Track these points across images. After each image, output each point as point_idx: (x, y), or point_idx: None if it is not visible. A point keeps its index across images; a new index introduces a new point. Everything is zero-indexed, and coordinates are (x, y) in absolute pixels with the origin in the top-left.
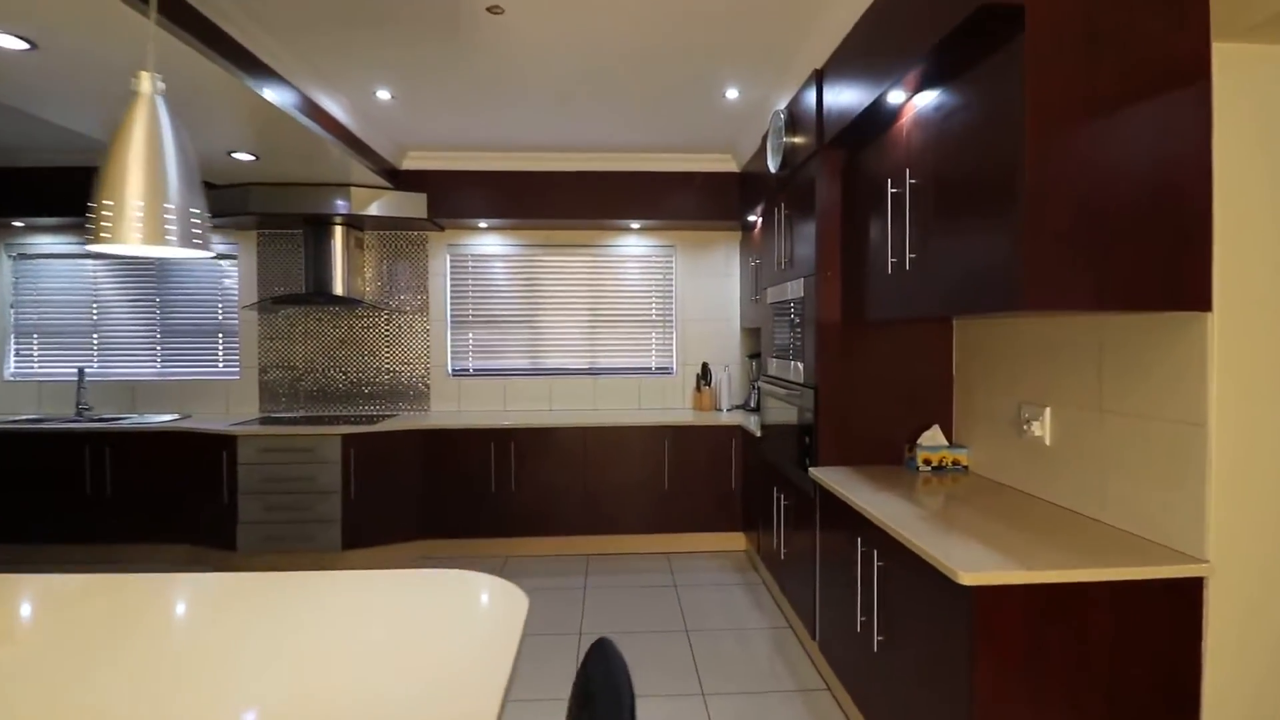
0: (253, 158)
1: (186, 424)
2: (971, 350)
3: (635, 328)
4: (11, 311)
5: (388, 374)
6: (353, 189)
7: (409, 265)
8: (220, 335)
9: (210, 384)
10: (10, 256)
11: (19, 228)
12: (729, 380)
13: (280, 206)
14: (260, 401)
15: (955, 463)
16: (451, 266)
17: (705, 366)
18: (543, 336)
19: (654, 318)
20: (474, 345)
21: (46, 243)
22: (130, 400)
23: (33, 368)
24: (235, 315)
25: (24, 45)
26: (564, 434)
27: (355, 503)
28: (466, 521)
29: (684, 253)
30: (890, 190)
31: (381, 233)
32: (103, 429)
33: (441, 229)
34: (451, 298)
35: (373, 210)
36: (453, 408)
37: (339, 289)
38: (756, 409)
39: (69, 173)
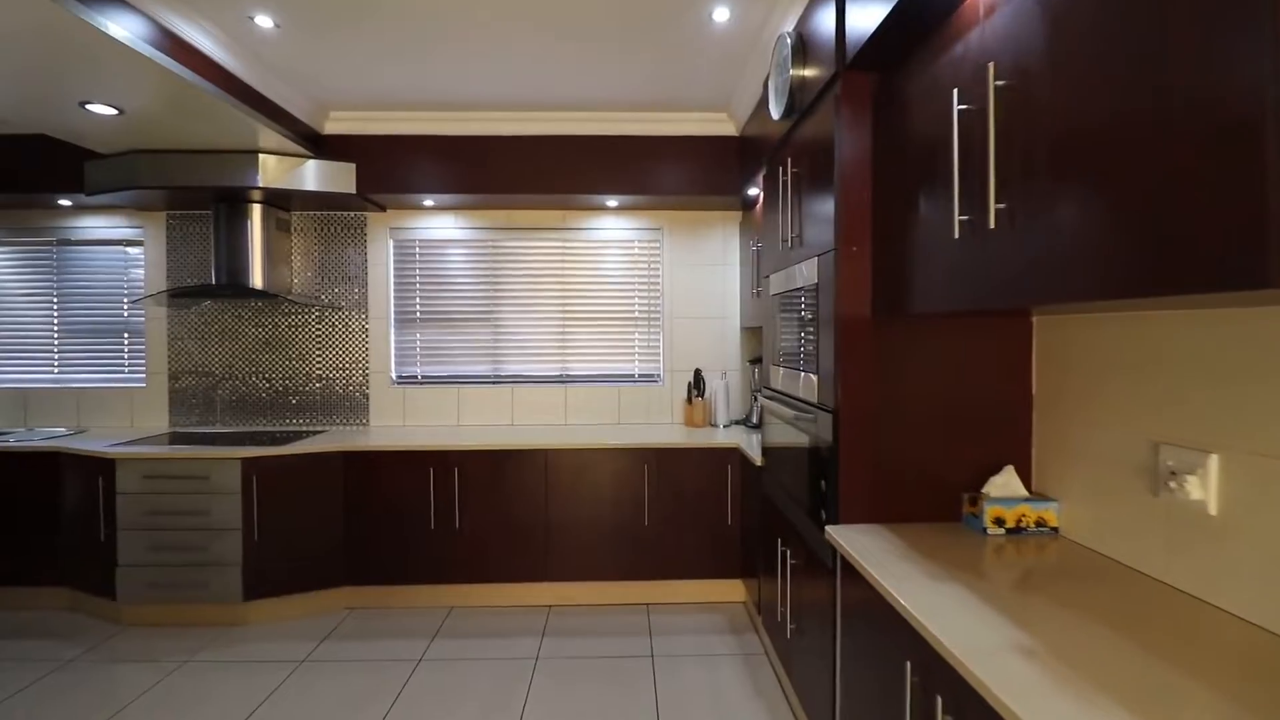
0: (115, 112)
1: (62, 443)
2: (1064, 358)
3: (615, 327)
4: None
5: (319, 382)
6: (262, 157)
7: (345, 253)
8: (126, 335)
9: (113, 392)
10: None
11: None
12: (727, 391)
13: (175, 178)
14: (170, 413)
15: (1040, 523)
16: (395, 254)
17: (698, 374)
18: (505, 337)
19: (637, 315)
20: (422, 348)
21: None
22: (21, 411)
23: None
24: (142, 312)
25: None
26: (520, 458)
27: (260, 542)
28: (401, 565)
29: (673, 237)
30: (957, 107)
31: (311, 214)
32: None
33: (383, 209)
34: (396, 291)
35: (288, 183)
36: (396, 422)
37: (257, 280)
38: (760, 426)
39: None
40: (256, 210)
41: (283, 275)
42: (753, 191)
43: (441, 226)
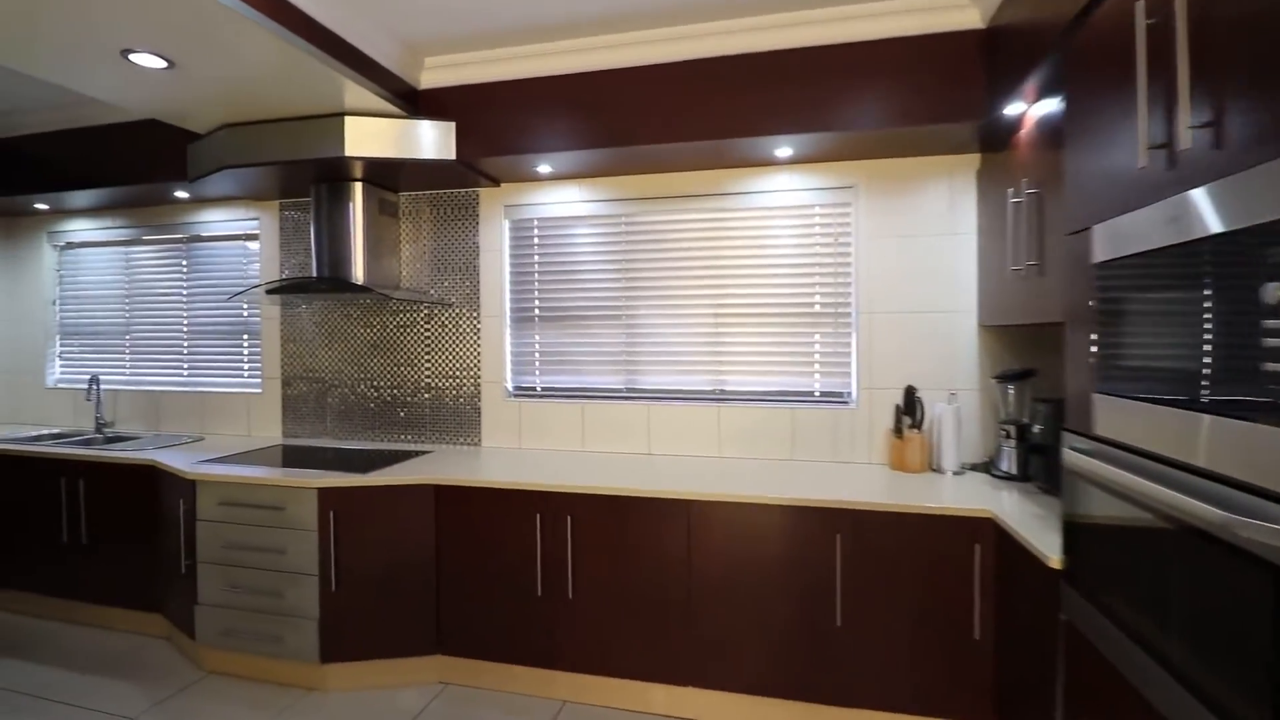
0: (164, 63)
1: (158, 455)
2: None
3: (787, 327)
4: (56, 309)
5: (428, 391)
6: (348, 120)
7: (456, 238)
8: (245, 337)
9: (234, 397)
10: (56, 247)
11: (49, 212)
12: (957, 420)
13: (261, 152)
14: (284, 422)
15: None
16: (512, 237)
17: (911, 394)
18: (641, 341)
19: (819, 309)
20: (542, 353)
21: (83, 228)
22: (155, 414)
23: (77, 373)
24: (258, 313)
25: None
26: (652, 510)
27: (339, 594)
28: (502, 637)
29: (872, 197)
30: None
31: (419, 194)
32: (74, 458)
33: (496, 182)
34: (512, 283)
35: (375, 150)
36: (511, 443)
37: (358, 273)
38: (1021, 477)
39: (80, 136)
40: (358, 191)
41: (389, 267)
42: (1012, 112)
43: (563, 200)
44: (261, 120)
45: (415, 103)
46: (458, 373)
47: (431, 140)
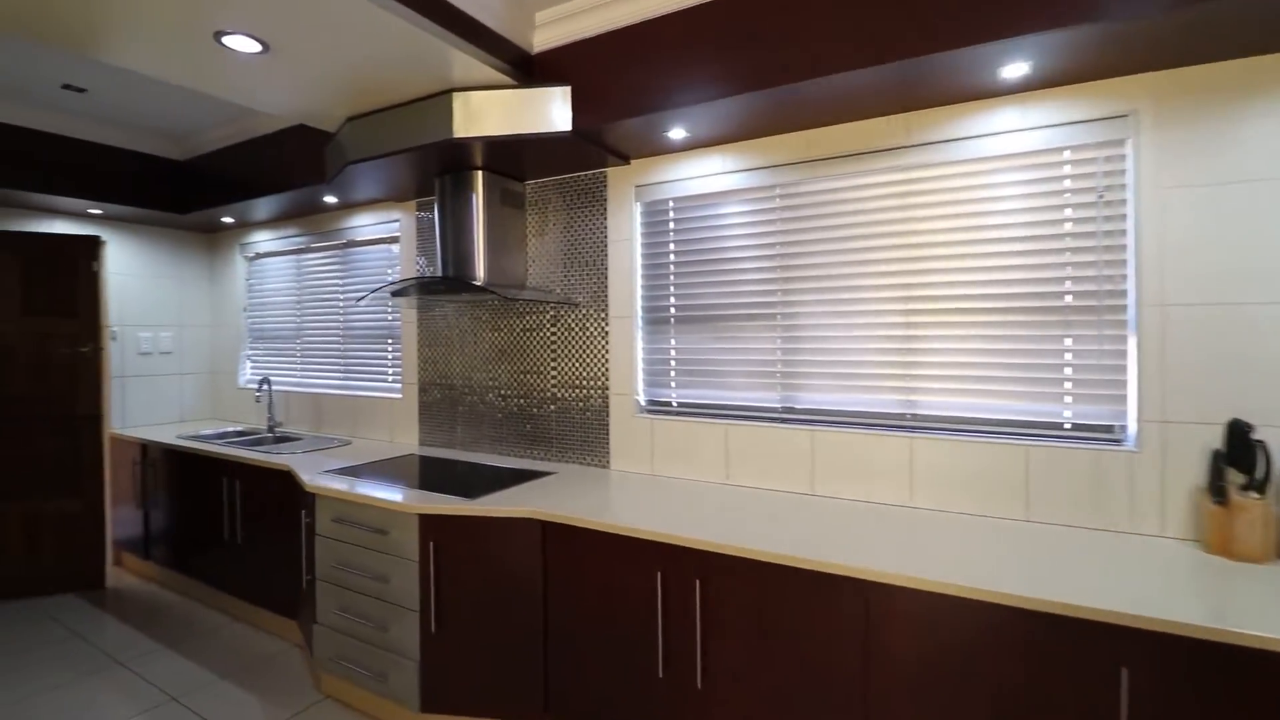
0: (259, 47)
1: (295, 460)
2: None
3: (1016, 328)
4: (245, 315)
5: (554, 403)
6: (456, 97)
7: (582, 228)
8: (389, 341)
9: (380, 402)
10: (246, 258)
11: (236, 225)
12: None
13: (371, 145)
14: (420, 429)
15: None
16: (644, 222)
17: (1241, 433)
18: (801, 346)
19: (1069, 302)
20: (678, 361)
21: (265, 239)
22: (318, 417)
23: (261, 374)
24: (399, 316)
25: None
26: (816, 585)
27: (440, 637)
28: (620, 716)
29: (1161, 128)
30: None
31: (546, 182)
32: (229, 457)
33: (626, 159)
34: (644, 277)
35: (480, 129)
36: (642, 467)
37: (479, 271)
38: None
39: (244, 149)
40: (479, 181)
41: (514, 264)
42: None
43: (703, 174)
44: (375, 110)
45: (529, 70)
46: (584, 382)
47: (544, 111)
